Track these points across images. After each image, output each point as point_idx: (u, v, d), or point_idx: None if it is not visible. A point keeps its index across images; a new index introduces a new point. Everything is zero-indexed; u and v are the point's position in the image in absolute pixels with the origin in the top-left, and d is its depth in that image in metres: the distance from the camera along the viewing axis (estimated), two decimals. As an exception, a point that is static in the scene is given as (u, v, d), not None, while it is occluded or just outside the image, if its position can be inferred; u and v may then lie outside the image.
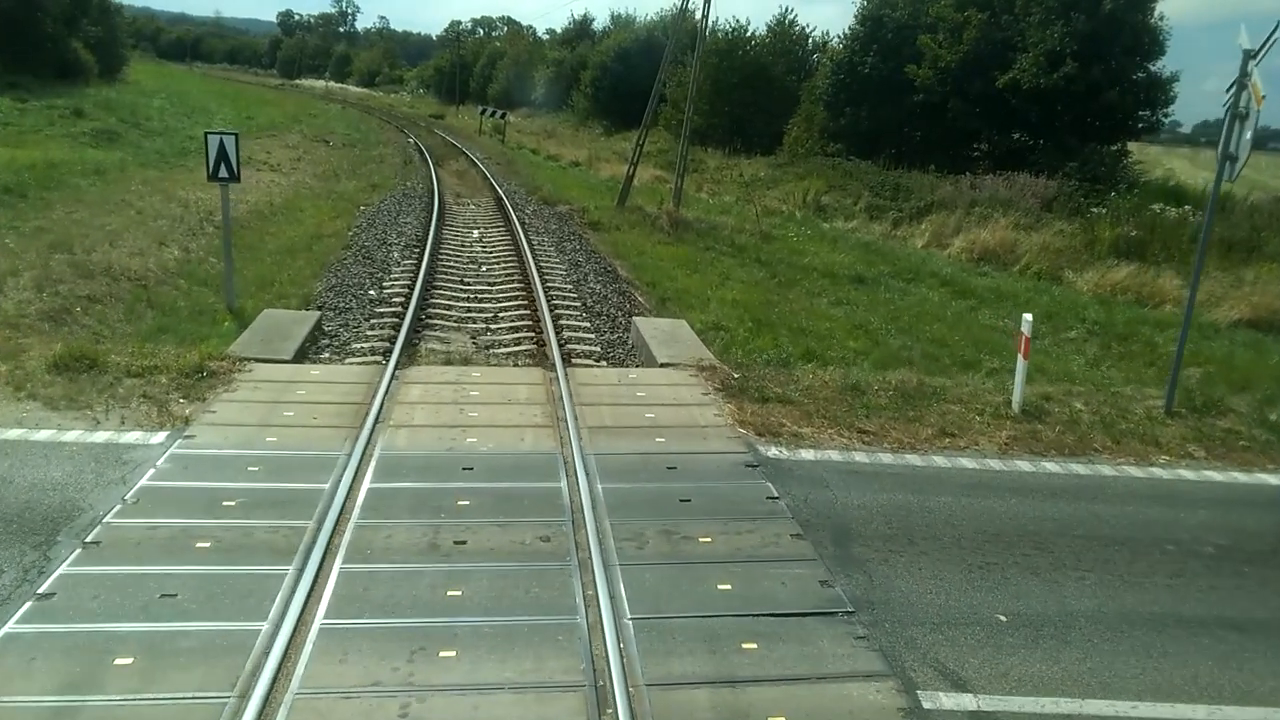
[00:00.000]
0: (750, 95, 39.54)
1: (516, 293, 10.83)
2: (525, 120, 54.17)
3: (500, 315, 9.77)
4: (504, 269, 12.27)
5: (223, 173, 9.91)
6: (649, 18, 58.45)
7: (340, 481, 5.06)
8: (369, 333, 8.76)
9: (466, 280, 11.39)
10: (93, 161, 17.94)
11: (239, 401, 6.26)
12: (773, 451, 5.88)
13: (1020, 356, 7.11)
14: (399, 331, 8.52)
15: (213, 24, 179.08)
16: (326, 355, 7.98)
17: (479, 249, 13.75)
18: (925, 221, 23.78)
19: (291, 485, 5.03)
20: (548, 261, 12.79)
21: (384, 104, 67.82)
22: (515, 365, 7.72)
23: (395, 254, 12.71)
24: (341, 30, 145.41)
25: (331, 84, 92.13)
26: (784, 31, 42.97)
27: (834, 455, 5.91)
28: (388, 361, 7.41)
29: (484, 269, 12.24)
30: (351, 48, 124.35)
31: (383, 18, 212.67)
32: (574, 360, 8.14)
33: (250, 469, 5.19)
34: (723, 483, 5.34)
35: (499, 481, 5.21)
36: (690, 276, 14.95)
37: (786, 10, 43.30)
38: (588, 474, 5.32)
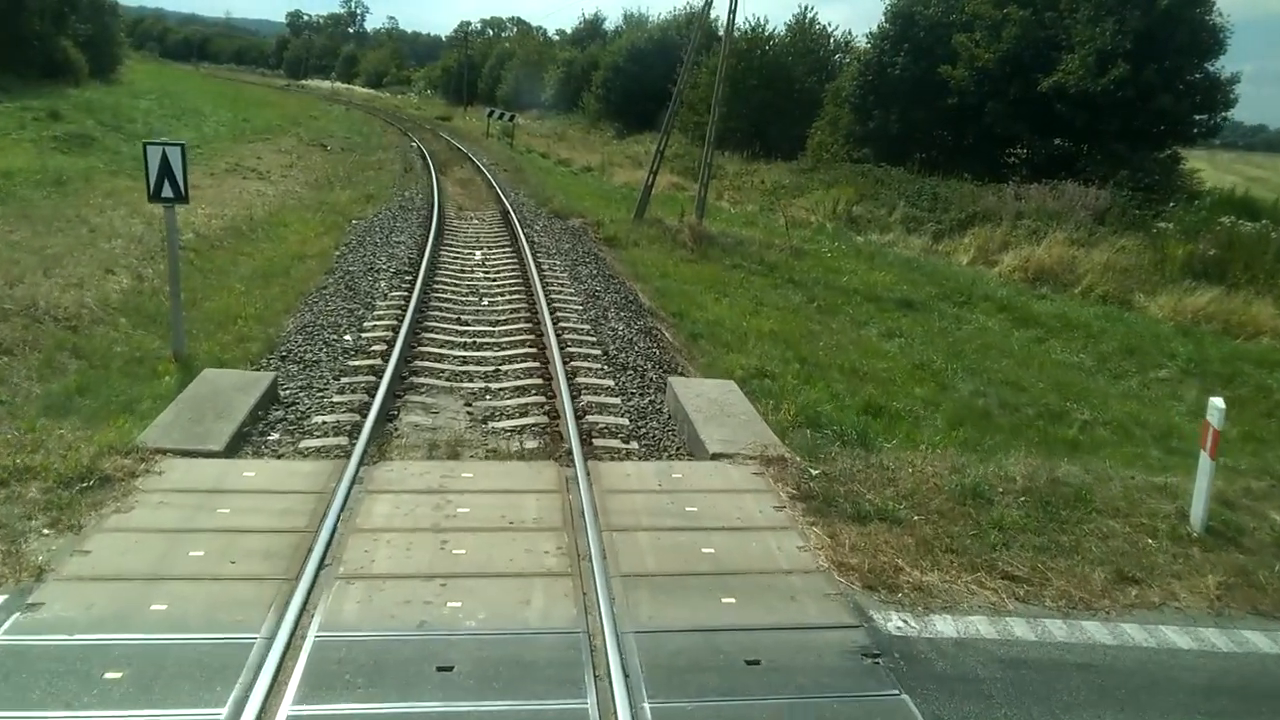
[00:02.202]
0: (770, 97, 37.71)
1: (524, 336, 8.99)
2: (534, 123, 52.44)
3: (503, 370, 7.92)
4: (509, 303, 10.44)
5: (166, 192, 8.13)
6: (662, 17, 56.72)
7: (245, 705, 3.23)
8: (336, 399, 6.93)
9: (464, 319, 9.55)
10: (55, 169, 16.20)
11: (131, 531, 4.43)
12: (895, 622, 4.01)
13: (1205, 455, 5.24)
14: (374, 398, 6.69)
15: (223, 25, 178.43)
16: (276, 437, 6.14)
17: (481, 274, 11.93)
18: (968, 235, 21.91)
19: (164, 713, 3.19)
20: (561, 293, 10.95)
21: (390, 105, 66.19)
22: (521, 458, 5.86)
23: (383, 283, 10.89)
24: (350, 31, 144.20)
25: (338, 85, 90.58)
26: (804, 31, 41.10)
27: (982, 626, 4.05)
28: (352, 449, 5.59)
29: (485, 302, 10.41)
30: (360, 48, 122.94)
31: (391, 18, 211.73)
32: (597, 443, 6.29)
33: (107, 676, 3.35)
34: (834, 697, 3.47)
35: (492, 699, 3.36)
36: (720, 303, 13.15)
37: (806, 9, 41.27)
38: (628, 678, 3.47)
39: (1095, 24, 25.29)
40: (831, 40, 41.97)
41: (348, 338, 8.53)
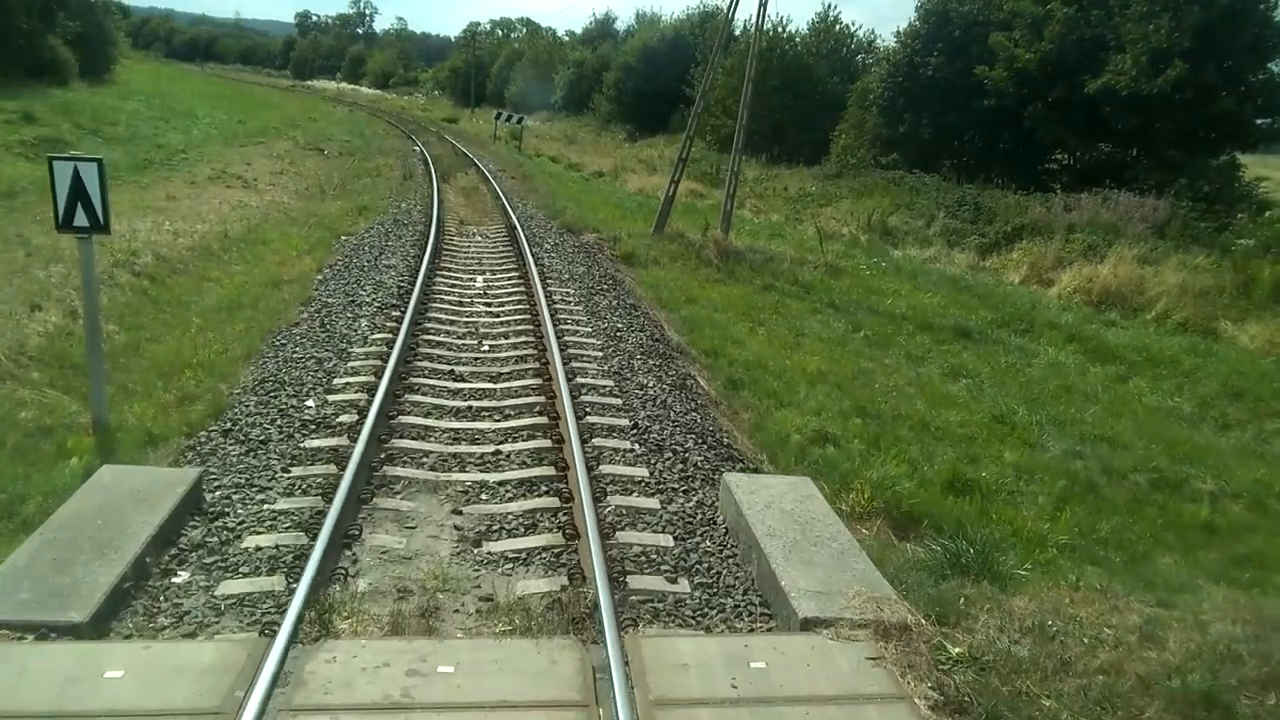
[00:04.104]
0: (790, 99, 35.91)
1: (532, 399, 7.21)
2: (543, 125, 50.78)
3: (505, 454, 6.13)
4: (515, 347, 8.67)
5: (80, 219, 6.44)
6: (675, 16, 55.07)
7: None
8: (280, 505, 5.16)
9: (458, 372, 7.78)
10: (8, 179, 14.54)
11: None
12: None
13: None
14: (331, 504, 4.94)
15: (232, 25, 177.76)
16: (183, 578, 4.37)
17: (481, 307, 10.17)
18: (1016, 250, 20.11)
19: None
20: (576, 332, 9.20)
21: (395, 107, 64.60)
22: (526, 626, 4.07)
23: (364, 322, 9.15)
24: (359, 31, 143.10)
25: (343, 85, 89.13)
26: (827, 30, 39.30)
27: None
28: (286, 606, 3.85)
29: (486, 347, 8.64)
30: (368, 49, 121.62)
31: (400, 19, 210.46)
32: (633, 581, 4.51)
33: None
34: None
35: None
36: (755, 335, 11.43)
37: (829, 7, 39.41)
38: None
39: (1149, 21, 23.42)
40: (853, 40, 40.18)
41: (310, 404, 6.78)
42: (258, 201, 17.17)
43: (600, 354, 8.59)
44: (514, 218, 16.13)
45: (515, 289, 10.97)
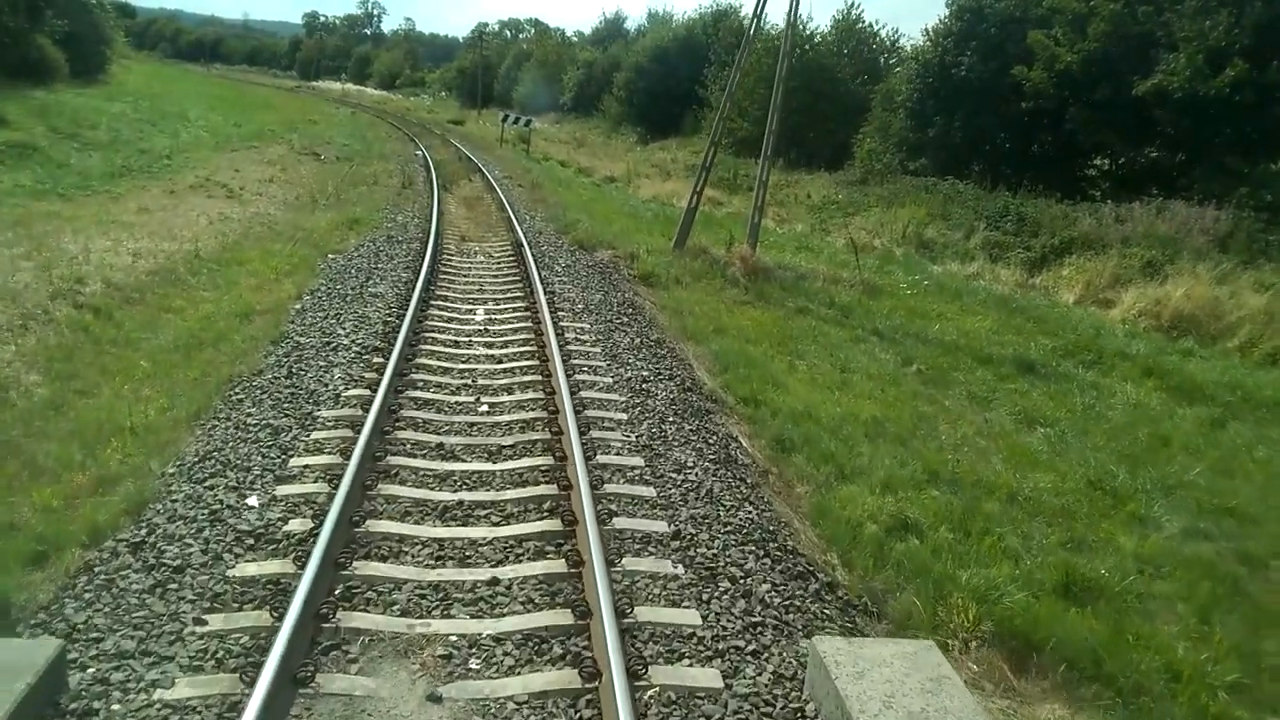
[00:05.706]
0: (810, 100, 34.28)
1: (541, 489, 5.59)
2: (552, 127, 49.29)
3: (503, 583, 4.55)
4: (520, 406, 7.06)
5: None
6: (687, 15, 53.55)
7: None
8: (177, 693, 3.58)
9: (448, 447, 6.18)
10: (-41, 192, 13.09)
11: None
12: None
13: None
14: (254, 685, 3.38)
15: (240, 26, 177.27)
16: None
17: (481, 349, 8.59)
18: (1067, 266, 18.46)
19: None
20: (595, 384, 7.61)
21: (401, 108, 63.19)
22: None
23: (338, 372, 7.57)
24: (367, 32, 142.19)
25: (349, 86, 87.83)
26: (849, 29, 37.65)
27: None
28: None
29: (484, 408, 7.05)
30: (375, 49, 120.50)
31: (408, 19, 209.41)
32: None
33: None
34: None
35: None
36: (796, 374, 9.88)
37: (852, 5, 37.77)
38: None
39: (1205, 17, 21.72)
40: (876, 40, 38.50)
41: (252, 501, 5.20)
42: (240, 214, 15.66)
43: (624, 415, 7.00)
44: (520, 233, 14.56)
45: (521, 324, 9.39)
